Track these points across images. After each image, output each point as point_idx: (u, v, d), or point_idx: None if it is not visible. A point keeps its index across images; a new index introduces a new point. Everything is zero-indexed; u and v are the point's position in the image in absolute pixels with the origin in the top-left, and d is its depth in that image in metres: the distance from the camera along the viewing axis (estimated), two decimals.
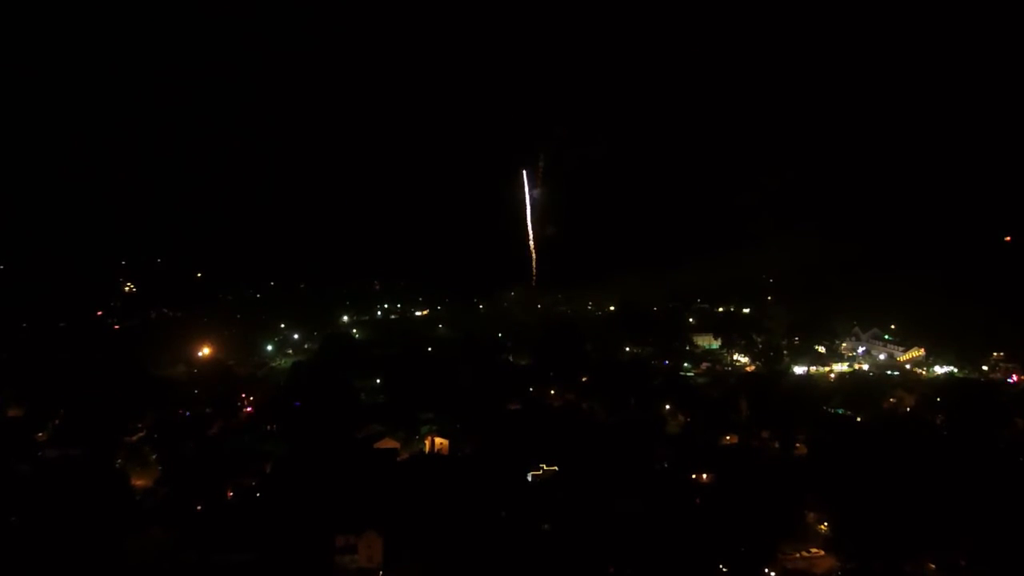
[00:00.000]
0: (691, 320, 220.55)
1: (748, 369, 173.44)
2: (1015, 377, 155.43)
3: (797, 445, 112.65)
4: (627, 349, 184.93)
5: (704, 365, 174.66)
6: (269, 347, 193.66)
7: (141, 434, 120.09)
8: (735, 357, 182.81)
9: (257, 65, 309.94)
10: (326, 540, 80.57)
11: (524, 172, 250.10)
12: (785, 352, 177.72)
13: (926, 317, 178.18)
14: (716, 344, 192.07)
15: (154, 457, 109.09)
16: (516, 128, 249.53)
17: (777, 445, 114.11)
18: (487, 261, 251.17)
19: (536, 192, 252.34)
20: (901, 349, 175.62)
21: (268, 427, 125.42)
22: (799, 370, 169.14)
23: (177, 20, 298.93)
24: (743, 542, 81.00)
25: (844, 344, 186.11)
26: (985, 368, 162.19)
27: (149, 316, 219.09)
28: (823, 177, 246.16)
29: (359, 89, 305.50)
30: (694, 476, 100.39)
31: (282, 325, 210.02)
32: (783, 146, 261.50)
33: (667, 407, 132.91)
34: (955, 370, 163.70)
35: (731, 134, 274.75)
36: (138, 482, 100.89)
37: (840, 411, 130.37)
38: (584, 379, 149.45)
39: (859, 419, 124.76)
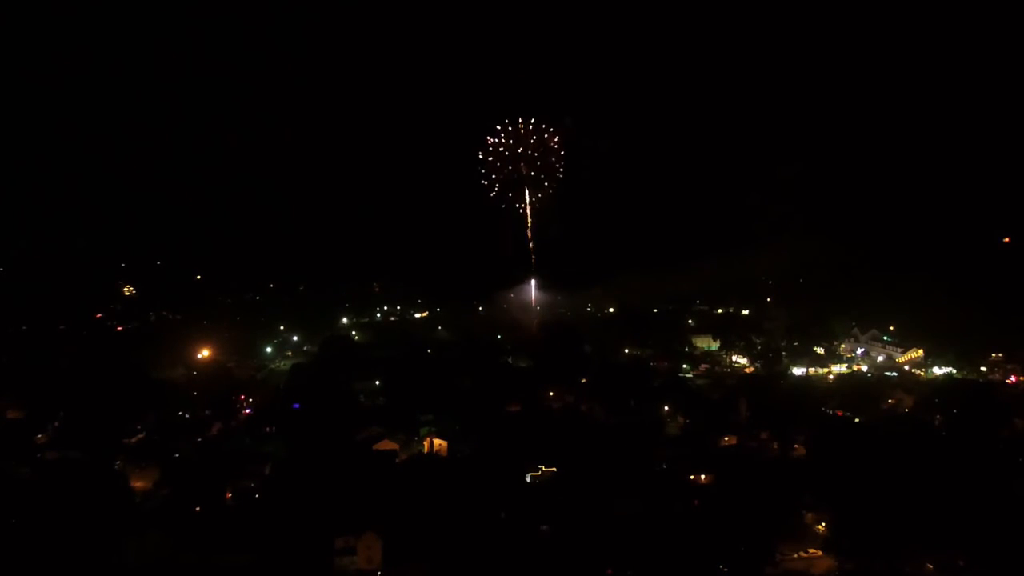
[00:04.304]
0: (690, 322, 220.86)
1: (747, 370, 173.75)
2: (1014, 378, 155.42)
3: (796, 446, 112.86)
4: (626, 351, 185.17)
5: (703, 367, 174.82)
6: (268, 349, 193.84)
7: (141, 436, 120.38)
8: (734, 359, 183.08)
9: (256, 66, 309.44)
10: (325, 542, 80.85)
11: (523, 173, 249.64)
12: (784, 353, 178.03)
13: (925, 318, 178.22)
14: (715, 346, 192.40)
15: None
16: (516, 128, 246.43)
17: (776, 446, 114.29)
18: (486, 263, 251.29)
19: (536, 194, 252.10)
20: (900, 350, 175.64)
21: (267, 429, 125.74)
22: (798, 371, 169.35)
23: (178, 20, 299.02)
24: (742, 543, 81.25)
25: (843, 345, 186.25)
26: (984, 369, 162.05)
27: (149, 318, 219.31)
28: (822, 179, 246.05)
29: (358, 91, 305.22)
30: (693, 477, 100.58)
31: (281, 327, 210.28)
32: (782, 148, 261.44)
33: (666, 408, 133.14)
34: (954, 371, 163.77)
35: (731, 136, 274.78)
36: (138, 484, 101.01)
37: (839, 412, 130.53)
38: (583, 381, 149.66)
39: (858, 420, 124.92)
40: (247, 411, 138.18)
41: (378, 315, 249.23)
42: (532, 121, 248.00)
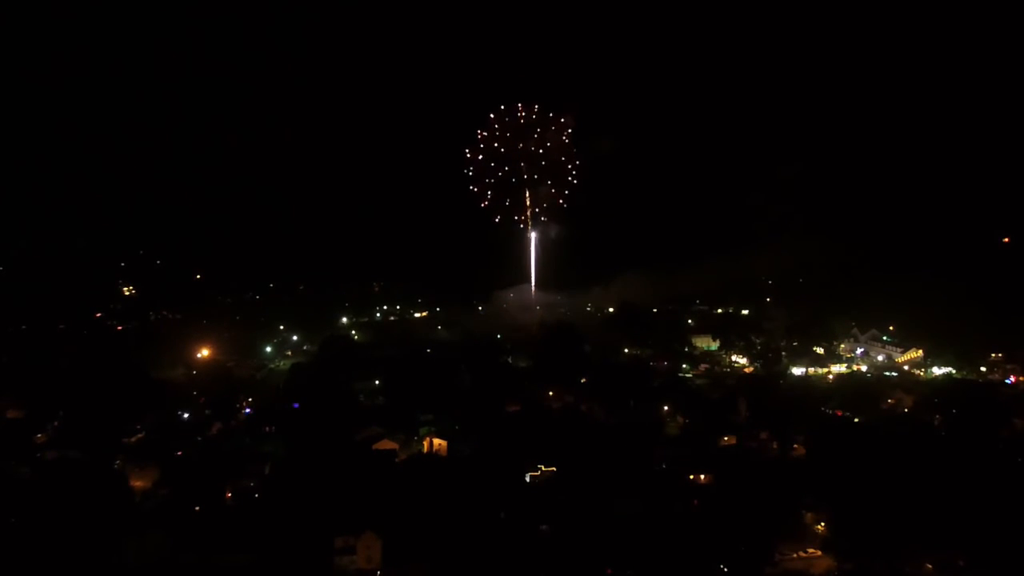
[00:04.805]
0: (690, 322, 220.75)
1: (747, 370, 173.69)
2: (1013, 378, 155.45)
3: (795, 446, 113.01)
4: (626, 351, 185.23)
5: (703, 366, 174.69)
6: (268, 349, 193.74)
7: (140, 436, 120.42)
8: (734, 358, 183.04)
9: (256, 65, 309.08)
10: (325, 541, 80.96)
11: (525, 171, 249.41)
12: (783, 353, 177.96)
13: (925, 318, 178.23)
14: (715, 346, 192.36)
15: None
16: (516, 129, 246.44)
17: (775, 446, 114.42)
18: (486, 263, 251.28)
19: (537, 194, 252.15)
20: (900, 350, 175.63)
21: (267, 428, 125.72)
22: (797, 371, 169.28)
23: (178, 19, 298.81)
24: (741, 542, 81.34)
25: (842, 345, 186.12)
26: (984, 369, 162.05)
27: (148, 318, 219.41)
28: (822, 179, 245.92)
29: (358, 90, 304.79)
30: (693, 477, 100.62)
31: (281, 327, 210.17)
32: (782, 148, 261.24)
33: (666, 408, 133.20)
34: (953, 371, 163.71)
35: (731, 136, 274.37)
36: (137, 483, 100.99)
37: (839, 412, 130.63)
38: (583, 380, 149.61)
39: (857, 420, 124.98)
40: (247, 411, 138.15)
41: (378, 315, 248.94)
42: (536, 108, 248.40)
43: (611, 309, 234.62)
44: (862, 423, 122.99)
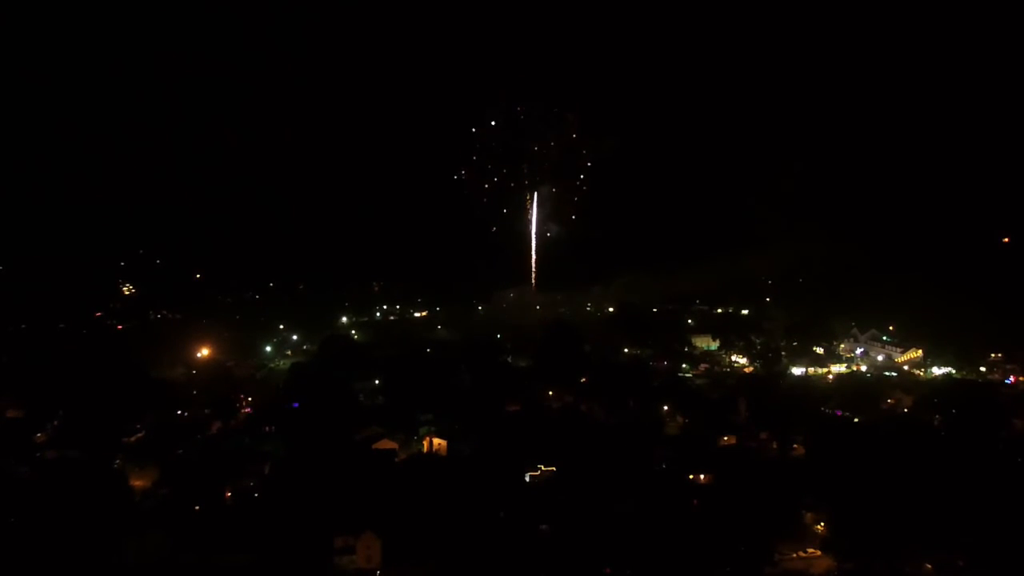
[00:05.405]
0: (690, 321, 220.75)
1: (746, 370, 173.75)
2: (1013, 378, 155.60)
3: (795, 446, 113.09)
4: (626, 350, 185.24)
5: (703, 366, 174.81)
6: (268, 348, 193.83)
7: (140, 435, 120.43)
8: (733, 358, 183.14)
9: (256, 65, 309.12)
10: (325, 541, 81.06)
11: (526, 171, 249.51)
12: (783, 353, 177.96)
13: (924, 318, 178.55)
14: (715, 345, 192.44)
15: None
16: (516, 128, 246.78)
17: (775, 446, 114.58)
18: (486, 262, 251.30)
19: (537, 194, 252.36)
20: (899, 350, 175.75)
21: (267, 428, 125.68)
22: (797, 371, 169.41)
23: (178, 19, 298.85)
24: (741, 542, 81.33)
25: (842, 345, 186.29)
26: (983, 369, 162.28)
27: (148, 317, 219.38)
28: (822, 179, 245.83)
29: (358, 90, 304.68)
30: (692, 477, 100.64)
31: (281, 326, 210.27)
32: (782, 148, 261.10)
33: (666, 408, 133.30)
34: (953, 371, 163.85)
35: (731, 136, 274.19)
36: (137, 483, 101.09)
37: (838, 412, 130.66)
38: (583, 380, 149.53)
39: (857, 420, 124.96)
40: (247, 410, 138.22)
41: (378, 315, 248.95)
42: (538, 105, 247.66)
43: (611, 309, 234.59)
44: (862, 423, 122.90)
